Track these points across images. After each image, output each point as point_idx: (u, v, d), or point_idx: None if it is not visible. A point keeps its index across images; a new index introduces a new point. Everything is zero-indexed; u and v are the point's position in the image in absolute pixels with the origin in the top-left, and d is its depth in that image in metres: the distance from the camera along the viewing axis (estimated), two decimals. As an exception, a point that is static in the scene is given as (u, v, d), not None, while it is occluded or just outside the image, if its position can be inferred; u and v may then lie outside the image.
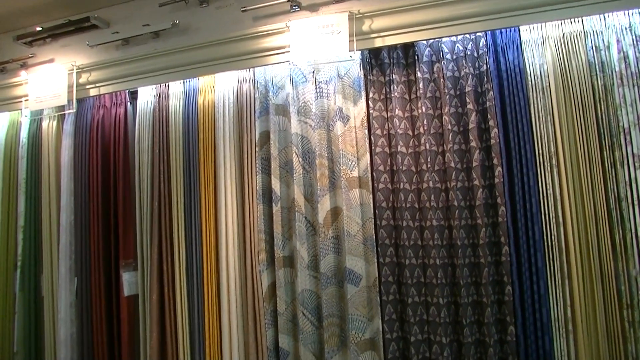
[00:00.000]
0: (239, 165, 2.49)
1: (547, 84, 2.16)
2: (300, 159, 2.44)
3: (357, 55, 2.38)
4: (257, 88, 2.52)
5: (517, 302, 2.13)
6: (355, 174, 2.36)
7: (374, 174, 2.34)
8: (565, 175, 2.12)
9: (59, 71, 2.69)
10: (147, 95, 2.67)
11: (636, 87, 2.07)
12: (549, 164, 2.13)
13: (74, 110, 2.68)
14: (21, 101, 2.77)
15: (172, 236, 2.53)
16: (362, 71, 2.40)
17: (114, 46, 2.68)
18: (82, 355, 2.62)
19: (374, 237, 2.32)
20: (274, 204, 2.44)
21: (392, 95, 2.35)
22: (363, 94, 2.39)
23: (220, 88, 2.56)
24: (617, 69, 2.09)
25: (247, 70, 2.53)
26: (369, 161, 2.36)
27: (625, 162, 2.05)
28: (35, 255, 2.76)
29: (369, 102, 2.37)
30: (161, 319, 2.51)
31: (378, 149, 2.35)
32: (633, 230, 2.02)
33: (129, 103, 2.72)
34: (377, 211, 2.33)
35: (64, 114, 2.77)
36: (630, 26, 2.12)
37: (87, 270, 2.65)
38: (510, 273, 2.15)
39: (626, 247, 2.04)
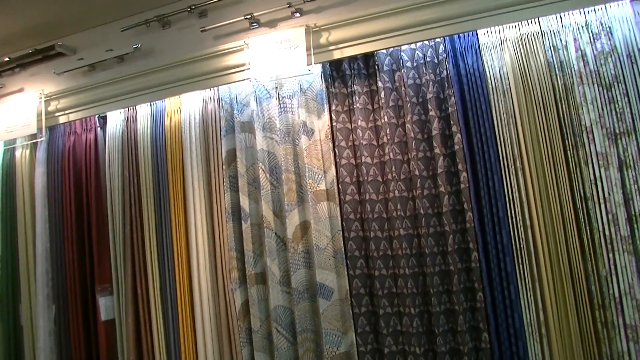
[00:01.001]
0: (207, 184, 2.49)
1: (508, 86, 2.15)
2: (268, 175, 2.44)
3: (318, 68, 2.38)
4: (223, 106, 2.52)
5: (489, 308, 2.11)
6: (323, 187, 2.35)
7: (340, 186, 2.33)
8: (530, 177, 2.10)
9: (27, 100, 2.71)
10: (115, 120, 2.68)
11: (595, 85, 2.05)
12: (513, 167, 2.11)
13: (44, 138, 2.69)
14: (-7, 132, 2.79)
15: (145, 259, 2.53)
16: (324, 84, 2.39)
17: (81, 72, 2.69)
18: (62, 383, 2.61)
19: (343, 249, 2.30)
20: (243, 222, 2.43)
21: (355, 106, 2.34)
22: (326, 106, 2.38)
23: (186, 108, 2.56)
24: (575, 67, 2.08)
25: (212, 89, 2.53)
26: (334, 173, 2.34)
27: (590, 160, 2.03)
28: (13, 285, 2.76)
29: (332, 114, 2.37)
30: (137, 341, 2.50)
31: (344, 161, 2.34)
32: (601, 230, 1.99)
33: (99, 128, 2.72)
34: (344, 223, 2.31)
35: (37, 142, 2.78)
36: (586, 24, 2.10)
37: (64, 297, 2.64)
38: (480, 279, 2.12)
39: (595, 247, 2.01)
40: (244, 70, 2.38)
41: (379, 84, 2.32)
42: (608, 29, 2.08)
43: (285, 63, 2.28)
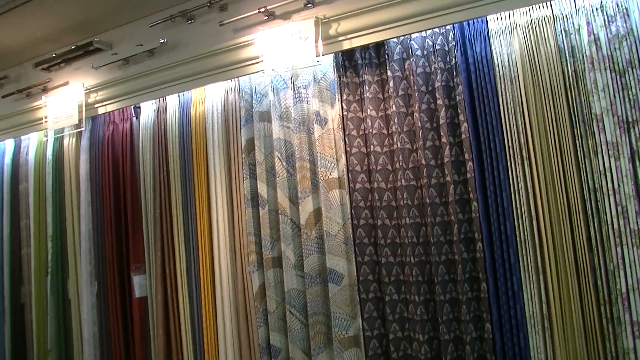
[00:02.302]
0: (228, 171, 2.61)
1: (516, 74, 2.10)
2: (284, 163, 2.52)
3: (330, 58, 2.42)
4: (243, 97, 2.62)
5: (492, 299, 2.10)
6: (335, 175, 2.41)
7: (350, 174, 2.37)
8: (536, 167, 2.05)
9: (70, 93, 2.95)
10: (148, 110, 2.86)
11: (608, 71, 1.96)
12: (519, 156, 2.07)
13: (84, 127, 2.92)
14: (42, 122, 3.05)
15: (173, 240, 2.70)
16: (336, 73, 2.43)
17: (116, 66, 2.88)
18: (103, 353, 2.86)
19: (353, 236, 2.35)
20: (260, 208, 2.54)
21: (365, 95, 2.37)
22: (337, 95, 2.42)
23: (209, 99, 2.69)
24: (587, 52, 1.99)
25: (233, 80, 2.64)
26: (345, 162, 2.39)
27: (599, 150, 1.95)
28: (62, 262, 3.04)
29: (343, 103, 2.41)
30: (165, 317, 2.69)
31: (354, 150, 2.38)
32: (609, 222, 1.92)
33: (134, 118, 2.92)
34: (354, 211, 2.36)
35: (81, 132, 3.02)
36: (601, 6, 2.00)
37: (104, 274, 2.88)
38: (484, 269, 2.11)
39: (602, 240, 1.95)
40: (258, 62, 2.46)
41: (389, 73, 2.33)
42: (625, 10, 1.97)
43: (296, 54, 2.34)
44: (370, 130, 2.35)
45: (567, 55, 2.03)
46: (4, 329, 3.19)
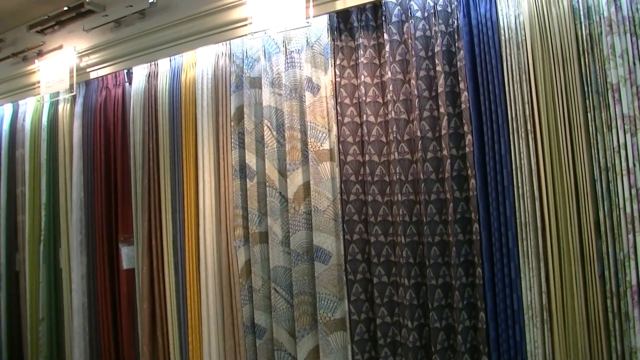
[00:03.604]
0: (216, 140, 2.47)
1: (523, 38, 1.87)
2: (274, 132, 2.37)
3: (324, 20, 2.24)
4: (234, 62, 2.47)
5: (487, 285, 1.91)
6: (326, 146, 2.25)
7: (341, 145, 2.20)
8: (542, 142, 1.83)
9: (62, 57, 2.85)
10: (140, 76, 2.73)
11: (628, 35, 1.72)
12: (523, 130, 1.85)
13: (74, 92, 2.81)
14: (36, 87, 2.97)
15: (160, 211, 2.59)
16: (329, 37, 2.25)
17: (109, 29, 2.76)
18: (91, 325, 2.80)
19: (342, 213, 2.19)
20: (248, 179, 2.40)
21: (360, 60, 2.18)
22: (330, 60, 2.24)
23: (200, 64, 2.54)
24: (605, 13, 1.75)
25: (224, 44, 2.49)
26: (337, 133, 2.22)
27: (613, 124, 1.72)
28: (54, 230, 2.98)
29: (336, 69, 2.22)
30: (151, 292, 2.60)
31: (347, 119, 2.21)
32: (621, 206, 1.70)
33: (127, 84, 2.80)
34: (343, 185, 2.19)
35: (76, 97, 2.93)
36: (624, -40, 1.76)
37: (94, 244, 2.81)
38: (480, 253, 1.93)
39: (612, 225, 1.73)
40: (248, 24, 2.29)
41: (386, 36, 2.13)
42: (651, -35, 1.73)
43: (285, 16, 2.17)
44: (364, 98, 2.16)
45: (581, 16, 1.79)
46: (0, 296, 3.17)
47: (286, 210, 2.33)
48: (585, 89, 1.78)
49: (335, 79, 2.22)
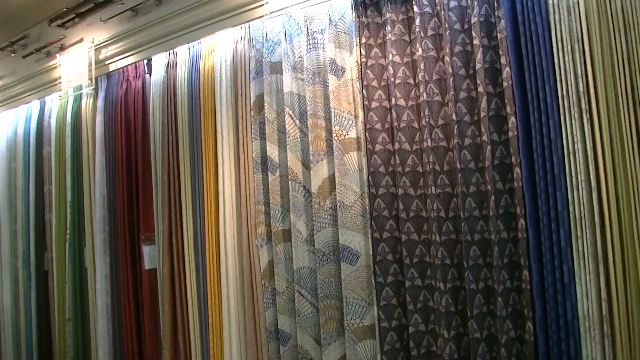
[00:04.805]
0: (236, 131, 2.30)
1: (575, 0, 1.59)
2: (297, 121, 2.17)
3: (347, -6, 2.03)
4: (254, 46, 2.29)
5: (535, 291, 1.65)
6: (353, 134, 2.04)
7: (368, 133, 1.98)
8: (599, 123, 1.56)
9: (81, 50, 2.75)
10: (159, 66, 2.59)
11: None
12: (576, 109, 1.58)
13: (92, 85, 2.71)
14: (58, 83, 2.89)
15: (181, 207, 2.45)
16: (354, 13, 2.03)
17: (126, 18, 2.65)
18: (114, 326, 2.70)
19: (369, 208, 1.97)
20: (270, 173, 2.21)
21: (388, 37, 1.95)
22: (355, 39, 2.02)
23: (219, 51, 2.38)
24: (678, -35, 1.46)
25: (243, 27, 2.31)
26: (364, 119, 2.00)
27: (689, 99, 1.44)
28: (79, 229, 2.89)
29: (362, 48, 2.00)
30: (172, 293, 2.46)
31: (374, 104, 1.98)
32: (700, 196, 1.42)
33: (147, 75, 2.67)
34: (371, 177, 1.97)
35: (98, 91, 2.83)
36: None
37: (116, 244, 2.70)
38: (527, 254, 1.67)
39: (688, 219, 1.45)
40: (265, 3, 2.11)
41: (415, 9, 1.89)
42: None
43: (305, -10, 1.97)
44: (393, 79, 1.93)
45: (648, -30, 1.51)
46: (30, 296, 3.13)
47: (310, 205, 2.13)
48: (654, 57, 1.49)
49: (361, 59, 2.00)
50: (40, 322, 3.10)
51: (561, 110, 1.60)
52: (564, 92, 1.59)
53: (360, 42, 2.01)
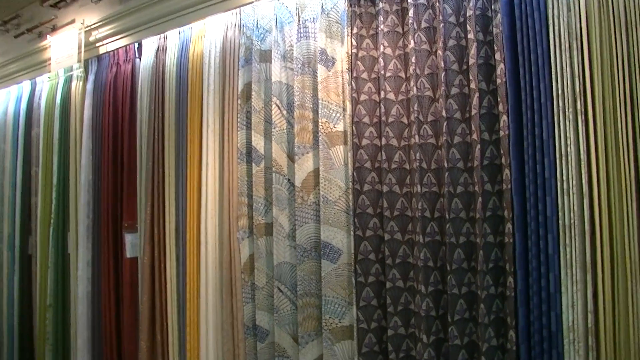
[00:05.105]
0: (222, 120, 2.23)
1: (575, -5, 1.51)
2: (284, 112, 2.10)
3: (341, -18, 1.95)
4: (245, 33, 2.21)
5: (520, 299, 1.57)
6: (340, 127, 1.97)
7: (355, 127, 1.90)
8: (595, 126, 1.48)
9: (71, 32, 2.69)
10: (149, 50, 2.53)
11: None
12: (571, 110, 1.50)
13: (81, 68, 2.65)
14: (48, 64, 2.83)
15: (164, 197, 2.39)
16: (347, 2, 1.95)
17: (117, 0, 2.58)
18: (94, 314, 2.65)
19: (353, 204, 1.90)
20: (255, 164, 2.14)
21: (380, 29, 1.87)
22: (346, 29, 1.95)
23: (209, 36, 2.31)
24: (684, -39, 1.37)
25: (234, 13, 2.24)
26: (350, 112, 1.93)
27: (690, 103, 1.35)
28: (64, 214, 2.83)
29: (353, 39, 1.92)
30: (151, 283, 2.40)
31: (363, 97, 1.91)
32: (697, 207, 1.33)
33: (137, 59, 2.61)
34: (356, 173, 1.89)
35: (88, 74, 2.77)
36: None
37: (99, 230, 2.64)
38: (513, 260, 1.59)
39: (683, 231, 1.36)
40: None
41: (410, 0, 1.81)
42: None
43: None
44: (383, 72, 1.86)
45: (652, -34, 1.42)
46: (13, 280, 3.08)
47: (294, 199, 2.06)
48: (655, 58, 1.41)
49: (351, 50, 1.93)
50: (22, 307, 3.05)
51: (555, 110, 1.52)
52: (559, 92, 1.51)
53: (351, 33, 1.93)
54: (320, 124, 1.96)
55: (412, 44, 1.79)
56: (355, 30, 1.92)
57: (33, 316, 3.01)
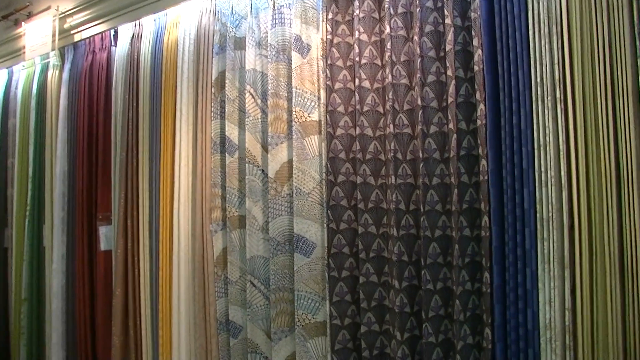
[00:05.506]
0: (195, 109, 2.16)
1: (555, -23, 1.44)
2: (259, 100, 2.03)
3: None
4: (220, 19, 2.14)
5: (496, 295, 1.51)
6: (315, 117, 1.90)
7: (329, 116, 1.83)
8: (574, 115, 1.40)
9: (45, 18, 2.61)
10: (125, 38, 2.45)
11: (699, -32, 1.27)
12: (550, 98, 1.42)
13: (54, 55, 2.57)
14: (23, 52, 2.76)
15: (137, 189, 2.32)
16: (322, -14, 1.88)
17: (94, -15, 2.51)
18: (68, 308, 2.58)
19: (327, 196, 1.83)
20: (228, 154, 2.07)
21: (356, 14, 1.80)
22: (321, 14, 1.88)
23: (183, 23, 2.23)
24: (669, -60, 1.30)
25: (210, -1, 2.17)
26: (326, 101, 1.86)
27: (675, 90, 1.28)
28: (39, 206, 2.76)
29: (328, 25, 1.85)
30: (125, 277, 2.34)
31: (338, 85, 1.84)
32: (680, 199, 1.27)
33: (113, 47, 2.53)
34: (330, 163, 1.82)
35: (64, 63, 2.69)
36: None
37: (74, 223, 2.58)
38: (489, 255, 1.53)
39: (666, 225, 1.30)
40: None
41: (386, -18, 1.74)
42: None
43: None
44: (359, 59, 1.78)
45: (636, -55, 1.35)
46: (-12, 273, 3.02)
47: (268, 191, 1.99)
48: (638, 44, 1.33)
49: (326, 36, 1.85)
50: (-4, 300, 2.99)
51: (534, 98, 1.45)
52: (538, 79, 1.44)
53: (327, 18, 1.85)
54: (294, 113, 1.89)
55: (387, 30, 1.72)
56: (330, 16, 1.85)
57: (8, 310, 2.95)
